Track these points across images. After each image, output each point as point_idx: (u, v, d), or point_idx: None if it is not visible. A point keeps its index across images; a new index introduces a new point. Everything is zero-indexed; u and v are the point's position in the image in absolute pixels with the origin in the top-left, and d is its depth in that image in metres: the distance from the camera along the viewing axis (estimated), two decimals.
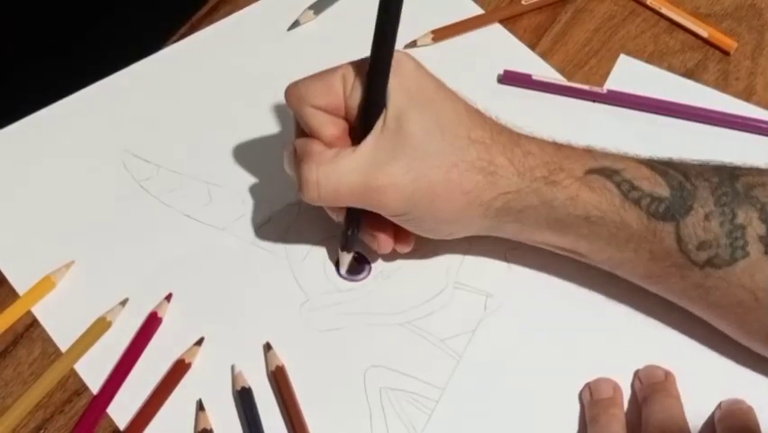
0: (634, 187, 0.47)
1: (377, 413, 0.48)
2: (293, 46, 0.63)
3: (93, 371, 0.49)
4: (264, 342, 0.50)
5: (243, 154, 0.58)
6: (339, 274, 0.53)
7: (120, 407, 0.48)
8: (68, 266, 0.52)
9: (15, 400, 0.48)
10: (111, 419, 0.48)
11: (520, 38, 0.64)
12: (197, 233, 0.54)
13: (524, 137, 0.48)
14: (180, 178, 0.56)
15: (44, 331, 0.51)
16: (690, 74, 0.63)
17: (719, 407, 0.48)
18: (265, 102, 0.60)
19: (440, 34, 0.63)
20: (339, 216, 0.50)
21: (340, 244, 0.52)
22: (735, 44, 0.63)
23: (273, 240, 0.54)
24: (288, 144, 0.49)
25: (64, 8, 0.84)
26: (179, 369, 0.49)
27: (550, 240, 0.49)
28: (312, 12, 0.64)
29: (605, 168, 0.47)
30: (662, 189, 0.47)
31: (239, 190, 0.56)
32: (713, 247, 0.46)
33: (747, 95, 0.62)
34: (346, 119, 0.48)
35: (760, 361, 0.50)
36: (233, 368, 0.49)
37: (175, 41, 0.63)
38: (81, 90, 0.60)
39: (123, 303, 0.51)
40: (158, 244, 0.54)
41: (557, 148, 0.48)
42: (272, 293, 0.52)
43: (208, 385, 0.49)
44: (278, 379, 0.49)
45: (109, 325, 0.50)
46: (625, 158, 0.48)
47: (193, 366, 0.49)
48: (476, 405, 0.49)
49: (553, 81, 0.61)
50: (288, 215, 0.55)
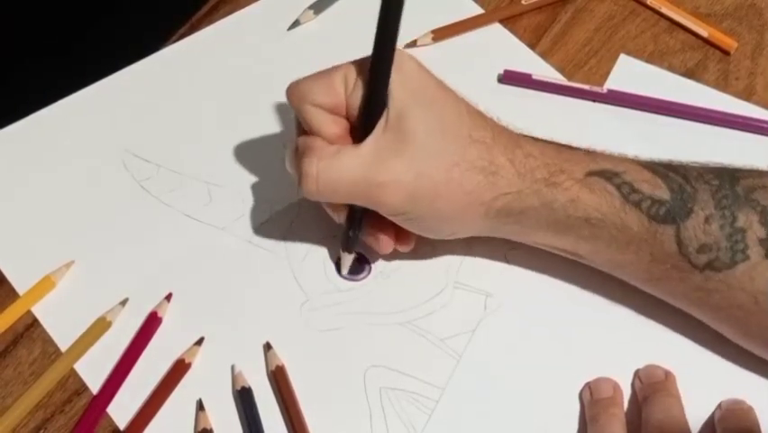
0: (634, 189, 0.47)
1: (377, 413, 0.48)
2: (293, 46, 0.63)
3: (93, 371, 0.49)
4: (264, 342, 0.50)
5: (243, 154, 0.58)
6: (339, 274, 0.53)
7: (120, 407, 0.48)
8: (68, 266, 0.52)
9: (15, 400, 0.48)
10: (111, 419, 0.48)
11: (520, 38, 0.64)
12: (197, 233, 0.54)
13: (524, 138, 0.48)
14: (180, 178, 0.56)
15: (44, 331, 0.51)
16: (690, 74, 0.63)
17: (719, 407, 0.48)
18: (265, 102, 0.60)
19: (440, 34, 0.63)
20: (340, 217, 0.50)
21: (341, 245, 0.52)
22: (735, 44, 0.63)
23: (273, 240, 0.54)
24: (290, 142, 0.49)
25: (64, 8, 0.84)
26: (179, 369, 0.49)
27: (550, 242, 0.49)
28: (312, 12, 0.64)
29: (605, 170, 0.47)
30: (662, 192, 0.47)
31: (239, 190, 0.56)
32: (713, 250, 0.46)
33: (747, 95, 0.62)
34: (347, 118, 0.48)
35: (760, 361, 0.49)
36: (233, 368, 0.49)
37: (175, 41, 0.63)
38: (81, 90, 0.60)
39: (123, 303, 0.51)
40: (158, 244, 0.54)
41: (558, 150, 0.48)
42: (272, 293, 0.52)
43: (208, 385, 0.49)
44: (278, 379, 0.49)
45: (109, 325, 0.50)
46: (625, 160, 0.48)
47: (193, 366, 0.49)
48: (476, 405, 0.49)
49: (553, 81, 0.61)
50: (288, 215, 0.55)
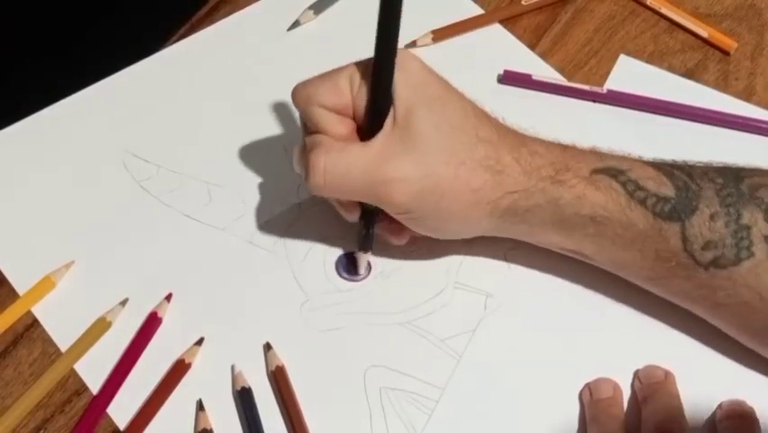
0: (639, 187, 0.47)
1: (377, 413, 0.48)
2: (293, 46, 0.63)
3: (93, 371, 0.49)
4: (264, 342, 0.50)
5: (243, 154, 0.58)
6: (339, 274, 0.53)
7: (120, 407, 0.48)
8: (68, 266, 0.52)
9: (15, 400, 0.48)
10: (111, 419, 0.48)
11: (520, 38, 0.64)
12: (197, 233, 0.54)
13: (529, 138, 0.49)
14: (180, 178, 0.56)
15: (44, 331, 0.51)
16: (690, 74, 0.63)
17: (720, 407, 0.48)
18: (265, 102, 0.60)
19: (440, 34, 0.63)
20: (352, 216, 0.50)
21: (357, 245, 0.52)
22: (735, 44, 0.63)
23: (273, 240, 0.54)
24: (299, 142, 0.49)
25: (64, 8, 0.84)
26: (179, 369, 0.49)
27: (556, 241, 0.49)
28: (312, 12, 0.64)
29: (610, 168, 0.47)
30: (667, 189, 0.47)
31: (239, 190, 0.56)
32: (718, 247, 0.46)
33: (747, 95, 0.62)
34: (354, 119, 0.48)
35: (761, 361, 0.49)
36: (233, 368, 0.49)
37: (175, 41, 0.63)
38: (81, 90, 0.60)
39: (123, 303, 0.51)
40: (158, 244, 0.54)
41: (563, 148, 0.49)
42: (272, 293, 0.52)
43: (208, 385, 0.49)
44: (278, 379, 0.49)
45: (109, 325, 0.50)
46: (630, 158, 0.49)
47: (193, 366, 0.49)
48: (476, 405, 0.49)
49: (553, 81, 0.61)
50: (288, 215, 0.55)
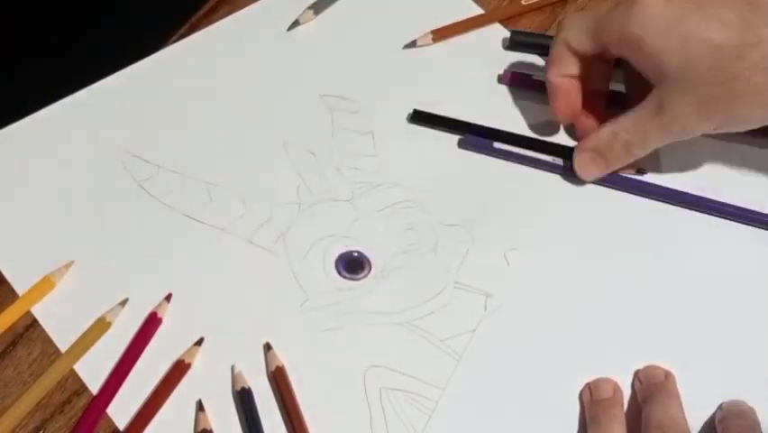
0: None
1: (377, 413, 0.48)
2: (293, 46, 0.63)
3: (93, 371, 0.49)
4: (264, 342, 0.50)
5: (243, 154, 0.58)
6: (339, 274, 0.53)
7: (120, 407, 0.48)
8: (67, 266, 0.52)
9: (15, 400, 0.48)
10: (111, 419, 0.48)
11: None
12: (197, 233, 0.54)
13: None
14: (180, 178, 0.56)
15: (44, 331, 0.51)
16: None
17: (720, 408, 0.48)
18: (265, 102, 0.60)
19: (440, 34, 0.63)
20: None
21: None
22: None
23: (273, 240, 0.54)
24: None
25: (64, 8, 0.84)
26: (179, 369, 0.49)
27: None
28: (312, 12, 0.64)
29: None
30: None
31: (239, 191, 0.56)
32: None
33: None
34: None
35: (760, 362, 0.50)
36: (233, 368, 0.49)
37: (175, 41, 0.63)
38: (81, 90, 0.60)
39: (123, 303, 0.51)
40: (158, 244, 0.54)
41: None
42: (272, 293, 0.52)
43: (208, 385, 0.49)
44: (278, 379, 0.49)
45: (109, 325, 0.50)
46: None
47: (193, 366, 0.49)
48: (476, 405, 0.49)
49: None
50: (288, 215, 0.55)
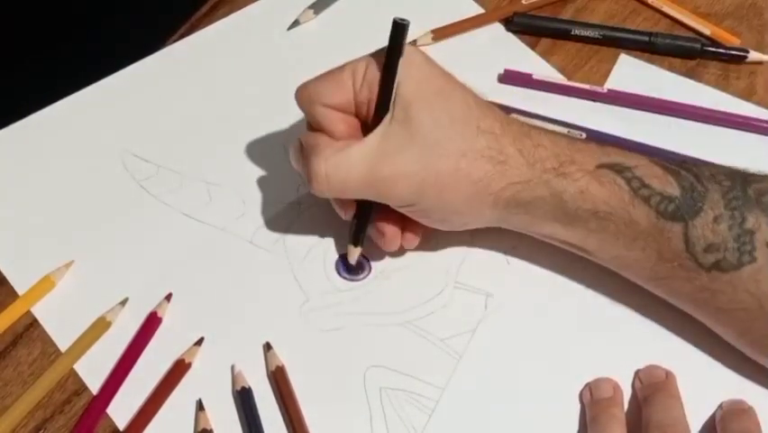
0: (644, 184, 0.46)
1: (377, 413, 0.48)
2: (293, 46, 0.63)
3: (93, 371, 0.49)
4: (264, 342, 0.50)
5: (243, 154, 0.58)
6: (339, 274, 0.53)
7: (120, 407, 0.48)
8: (68, 266, 0.52)
9: (15, 400, 0.48)
10: (111, 419, 0.48)
11: (520, 38, 0.64)
12: (197, 233, 0.54)
13: (535, 129, 0.48)
14: (180, 178, 0.56)
15: (44, 331, 0.51)
16: (690, 74, 0.63)
17: (720, 407, 0.48)
18: (265, 102, 0.60)
19: (440, 34, 0.63)
20: (347, 215, 0.50)
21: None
22: (737, 42, 0.63)
23: (273, 240, 0.54)
24: (294, 140, 0.49)
25: (64, 8, 0.84)
26: (179, 369, 0.49)
27: (558, 234, 0.49)
28: (312, 12, 0.64)
29: (616, 163, 0.47)
30: (672, 189, 0.46)
31: (239, 190, 0.56)
32: (720, 250, 0.45)
33: (748, 94, 0.62)
34: (356, 116, 0.48)
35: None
36: (233, 368, 0.49)
37: (175, 41, 0.63)
38: (81, 90, 0.60)
39: (123, 303, 0.51)
40: (158, 244, 0.54)
41: (569, 141, 0.48)
42: (272, 293, 0.52)
43: (208, 385, 0.49)
44: (278, 379, 0.49)
45: (109, 325, 0.50)
46: (638, 156, 0.48)
47: (193, 366, 0.49)
48: (476, 405, 0.49)
49: (554, 81, 0.61)
50: (288, 215, 0.55)
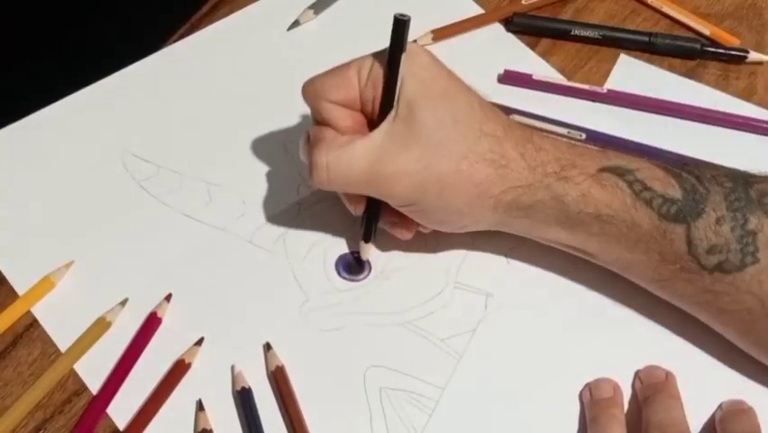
0: (646, 187, 0.46)
1: (377, 413, 0.48)
2: (293, 46, 0.63)
3: (93, 371, 0.49)
4: (264, 342, 0.50)
5: (243, 154, 0.58)
6: (339, 274, 0.53)
7: (120, 407, 0.48)
8: (67, 266, 0.52)
9: (15, 400, 0.48)
10: (111, 419, 0.48)
11: (520, 37, 0.64)
12: (197, 233, 0.54)
13: (537, 133, 0.49)
14: (180, 178, 0.56)
15: (44, 331, 0.51)
16: (690, 74, 0.63)
17: (720, 407, 0.48)
18: (265, 102, 0.60)
19: (440, 34, 0.63)
20: (357, 210, 0.50)
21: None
22: (737, 42, 0.63)
23: (273, 240, 0.54)
24: (304, 133, 0.49)
25: (64, 8, 0.84)
26: (179, 369, 0.49)
27: (560, 237, 0.49)
28: (312, 12, 0.64)
29: (618, 166, 0.47)
30: (674, 191, 0.46)
31: (239, 190, 0.56)
32: (723, 252, 0.45)
33: (747, 94, 0.62)
34: (362, 112, 0.48)
35: (760, 363, 0.49)
36: (233, 368, 0.49)
37: (175, 41, 0.63)
38: (81, 90, 0.60)
39: (123, 303, 0.51)
40: (158, 244, 0.54)
41: (571, 146, 0.49)
42: (272, 293, 0.52)
43: (208, 385, 0.49)
44: (278, 379, 0.49)
45: (109, 325, 0.50)
46: (639, 158, 0.48)
47: (193, 366, 0.49)
48: (476, 405, 0.49)
49: (554, 81, 0.61)
50: (288, 215, 0.55)
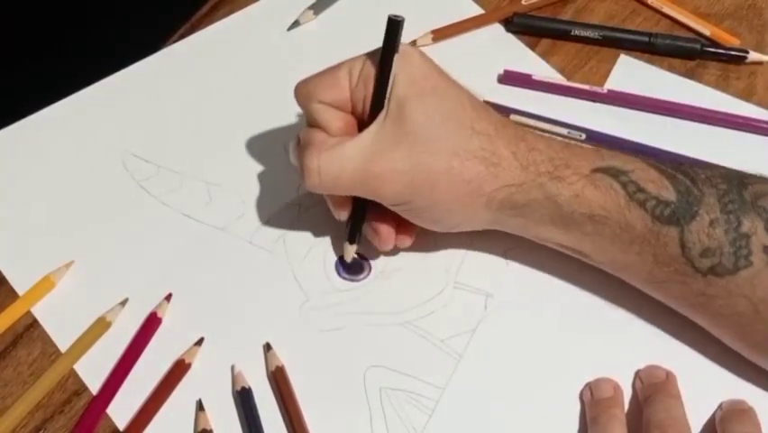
0: (640, 188, 0.46)
1: (377, 413, 0.48)
2: (293, 46, 0.63)
3: (93, 371, 0.49)
4: (264, 342, 0.50)
5: (243, 154, 0.58)
6: (339, 274, 0.53)
7: (120, 407, 0.48)
8: (68, 266, 0.52)
9: (15, 400, 0.48)
10: (111, 420, 0.48)
11: (520, 38, 0.64)
12: (197, 233, 0.54)
13: (530, 133, 0.48)
14: (180, 178, 0.56)
15: (44, 331, 0.51)
16: (690, 74, 0.63)
17: (720, 407, 0.48)
18: (265, 102, 0.60)
19: (440, 34, 0.63)
20: (342, 215, 0.50)
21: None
22: (737, 42, 0.63)
23: (273, 240, 0.54)
24: (294, 137, 0.49)
25: (64, 8, 0.84)
26: (179, 369, 0.49)
27: (554, 237, 0.49)
28: (312, 12, 0.64)
29: (612, 167, 0.47)
30: (668, 193, 0.46)
31: (239, 190, 0.56)
32: (716, 255, 0.45)
33: (747, 95, 0.62)
34: (353, 113, 0.48)
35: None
36: (233, 368, 0.49)
37: (175, 41, 0.63)
38: (81, 90, 0.60)
39: (123, 303, 0.51)
40: (158, 244, 0.54)
41: (565, 145, 0.48)
42: (272, 293, 0.52)
43: (208, 385, 0.49)
44: (278, 379, 0.49)
45: (109, 325, 0.50)
46: (634, 159, 0.48)
47: (193, 366, 0.49)
48: (476, 405, 0.49)
49: (554, 81, 0.61)
50: (288, 215, 0.55)
